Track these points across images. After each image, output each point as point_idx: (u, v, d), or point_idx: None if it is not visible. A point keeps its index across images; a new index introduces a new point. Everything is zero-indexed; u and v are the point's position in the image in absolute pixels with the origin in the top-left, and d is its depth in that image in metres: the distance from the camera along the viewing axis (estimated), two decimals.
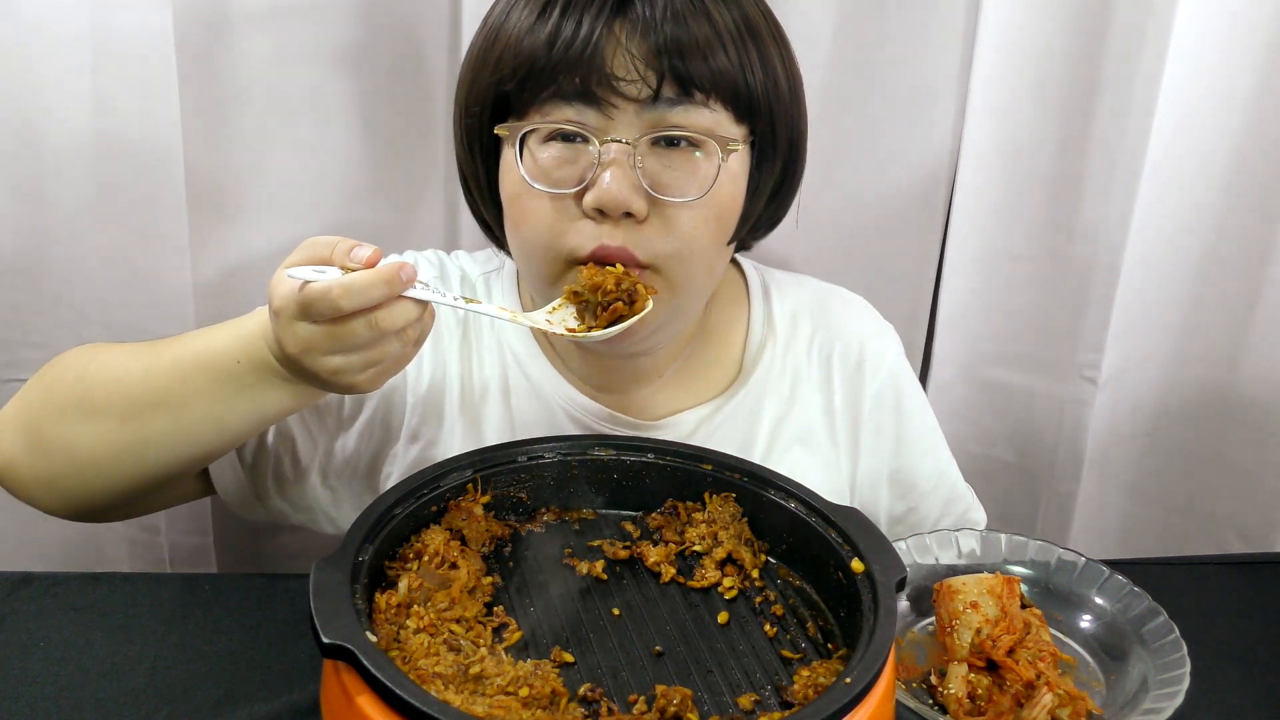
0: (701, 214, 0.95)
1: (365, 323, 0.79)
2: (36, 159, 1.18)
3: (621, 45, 0.90)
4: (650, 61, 0.90)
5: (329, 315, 0.79)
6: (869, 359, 1.12)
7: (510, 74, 0.93)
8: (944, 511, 1.17)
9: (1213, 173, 1.37)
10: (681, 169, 0.94)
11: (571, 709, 0.73)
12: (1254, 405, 1.47)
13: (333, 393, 0.89)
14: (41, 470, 0.94)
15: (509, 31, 0.93)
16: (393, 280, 0.79)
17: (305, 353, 0.81)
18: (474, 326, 1.08)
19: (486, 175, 1.01)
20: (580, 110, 0.92)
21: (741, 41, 0.93)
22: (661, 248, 0.94)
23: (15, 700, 0.89)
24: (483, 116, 0.97)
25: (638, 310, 0.90)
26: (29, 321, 1.25)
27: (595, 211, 0.92)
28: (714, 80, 0.92)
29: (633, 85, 0.90)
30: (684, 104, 0.92)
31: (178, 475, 0.96)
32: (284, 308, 0.80)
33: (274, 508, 1.07)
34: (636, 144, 0.92)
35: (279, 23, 1.19)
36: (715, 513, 0.91)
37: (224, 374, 0.88)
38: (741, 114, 0.95)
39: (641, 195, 0.92)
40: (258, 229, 1.26)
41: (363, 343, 0.80)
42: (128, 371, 0.91)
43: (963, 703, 0.87)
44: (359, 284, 0.78)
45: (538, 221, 0.95)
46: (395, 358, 0.83)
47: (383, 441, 1.06)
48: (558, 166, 0.93)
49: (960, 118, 1.33)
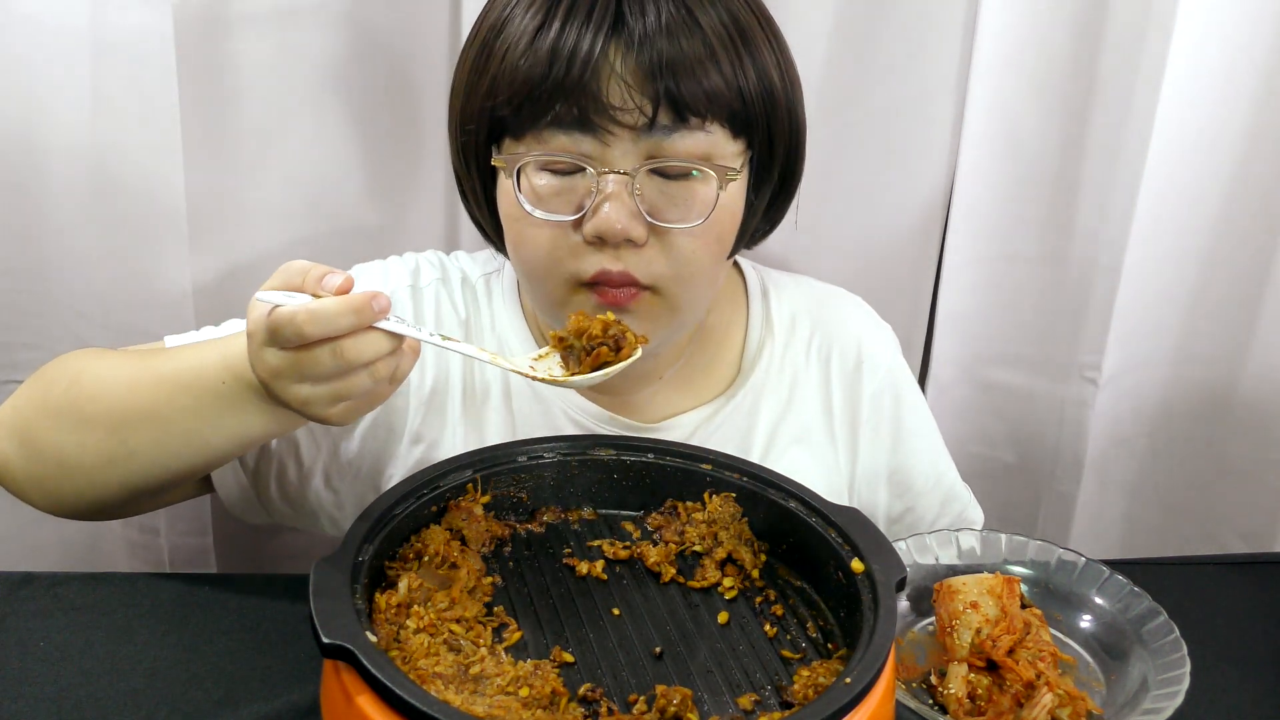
0: (701, 238, 0.95)
1: (330, 351, 0.76)
2: (36, 159, 1.18)
3: (616, 73, 0.89)
4: (644, 87, 0.89)
5: (294, 342, 0.76)
6: (867, 359, 1.13)
7: (506, 101, 0.92)
8: (941, 511, 1.17)
9: (1214, 173, 1.37)
10: (680, 196, 0.94)
11: (571, 709, 0.73)
12: (1255, 407, 1.47)
13: (310, 420, 0.85)
14: (34, 472, 0.95)
15: (503, 47, 0.92)
16: (362, 310, 0.76)
17: (274, 379, 0.80)
18: (476, 329, 1.08)
19: (483, 189, 1.01)
20: (576, 139, 0.91)
21: (734, 50, 0.92)
22: (662, 270, 0.95)
23: (15, 700, 0.89)
24: (478, 136, 0.97)
25: (624, 358, 0.87)
26: (28, 322, 1.25)
27: (595, 239, 0.93)
28: (709, 102, 0.91)
29: (629, 114, 0.90)
30: (680, 130, 0.91)
31: (165, 487, 0.96)
32: (255, 332, 0.79)
33: (276, 511, 1.07)
34: (635, 174, 0.92)
35: (278, 24, 1.19)
36: (715, 513, 0.91)
37: (209, 394, 0.87)
38: (738, 130, 0.95)
39: (641, 223, 0.92)
40: (257, 229, 1.26)
41: (328, 373, 0.78)
42: (116, 382, 0.91)
43: (963, 703, 0.87)
44: (325, 311, 0.76)
45: (538, 247, 0.95)
46: (366, 393, 0.80)
47: (385, 443, 1.06)
48: (555, 195, 0.93)
49: (960, 117, 1.33)
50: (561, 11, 0.90)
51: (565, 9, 0.90)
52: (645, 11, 0.90)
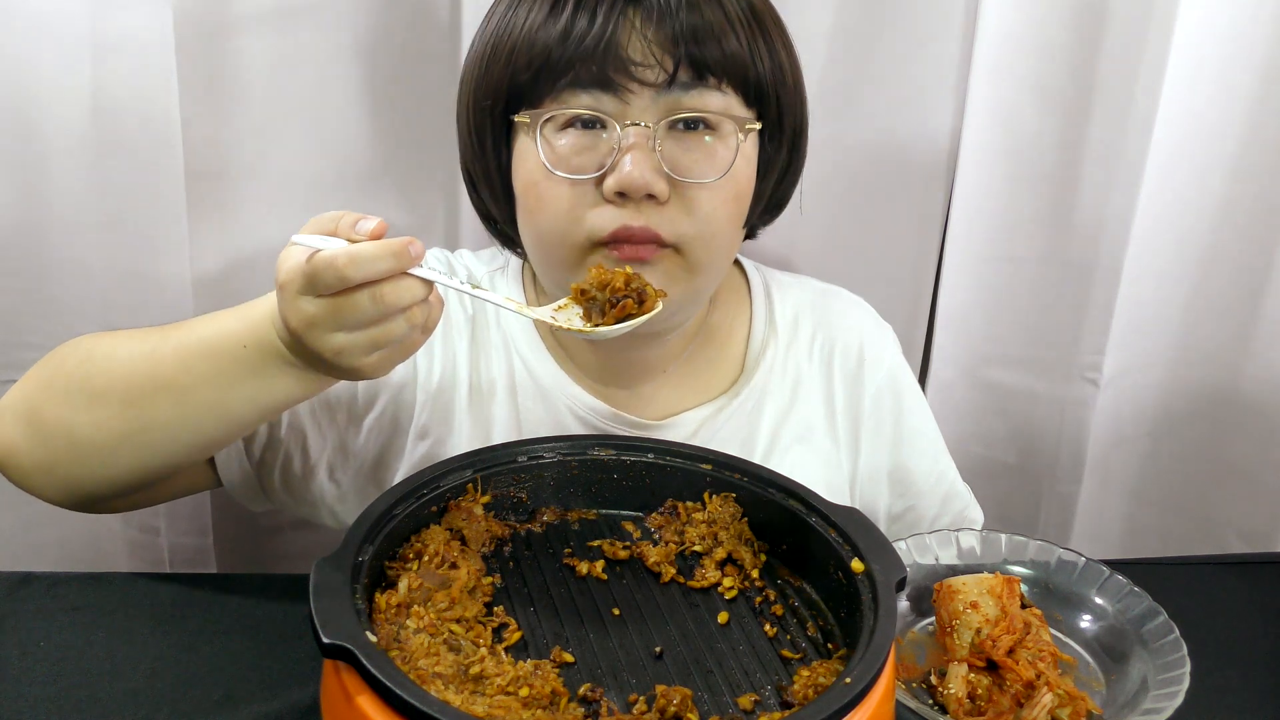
0: (720, 195, 0.97)
1: (370, 296, 0.77)
2: (36, 158, 1.18)
3: (637, 31, 0.91)
4: (666, 47, 0.92)
5: (335, 286, 0.77)
6: (869, 358, 1.13)
7: (525, 65, 0.93)
8: (942, 509, 1.17)
9: (1215, 173, 1.37)
10: (699, 151, 0.95)
11: (571, 709, 0.73)
12: (1255, 407, 1.47)
13: (338, 378, 0.86)
14: (41, 457, 0.93)
15: (519, 27, 0.94)
16: (400, 254, 0.77)
17: (309, 328, 0.79)
18: (481, 325, 1.09)
19: (498, 168, 1.01)
20: (597, 97, 0.93)
21: (750, 28, 0.96)
22: (685, 228, 0.96)
23: (15, 700, 0.89)
24: (494, 109, 0.97)
25: (647, 310, 0.88)
26: (28, 323, 1.25)
27: (617, 195, 0.93)
28: (726, 65, 0.94)
29: (649, 70, 0.92)
30: (698, 88, 0.94)
31: (179, 465, 0.95)
32: (290, 280, 0.79)
33: (278, 499, 1.07)
34: (655, 128, 0.93)
35: (279, 22, 1.19)
36: (715, 513, 0.91)
37: (229, 359, 0.86)
38: (750, 99, 0.97)
39: (663, 178, 0.94)
40: (257, 229, 1.26)
41: (367, 318, 0.78)
42: (131, 356, 0.90)
43: (963, 703, 0.87)
44: (366, 254, 0.76)
45: (556, 207, 0.96)
46: (401, 341, 0.81)
47: (391, 437, 1.06)
48: (577, 153, 0.94)
49: (959, 116, 1.33)
50: None
51: None
52: None
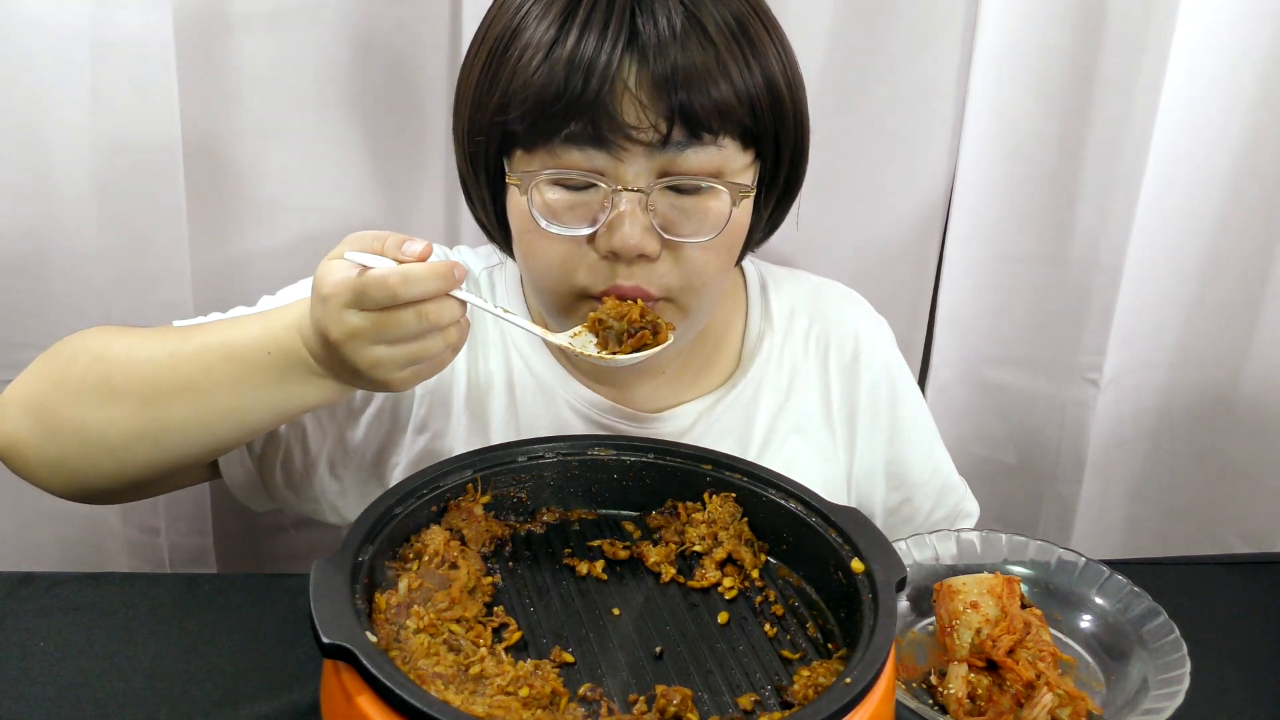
0: (713, 249, 0.96)
1: (415, 314, 0.80)
2: (36, 159, 1.18)
3: (630, 90, 0.89)
4: (658, 103, 0.89)
5: (383, 303, 0.79)
6: (864, 351, 1.13)
7: (519, 116, 0.92)
8: (937, 502, 1.18)
9: (1215, 174, 1.37)
10: (693, 211, 0.94)
11: (571, 709, 0.73)
12: (1256, 408, 1.47)
13: (365, 389, 0.89)
14: (50, 451, 0.93)
15: (516, 59, 0.92)
16: (447, 276, 0.80)
17: (349, 340, 0.81)
18: (479, 321, 1.09)
19: (492, 197, 1.01)
20: (590, 155, 0.91)
21: (741, 54, 0.92)
22: (674, 282, 0.95)
23: (15, 700, 0.89)
24: (488, 147, 0.97)
25: (661, 341, 0.91)
26: (28, 322, 1.25)
27: (609, 254, 0.93)
28: (721, 117, 0.91)
29: (643, 132, 0.90)
30: (693, 145, 0.92)
31: (190, 464, 0.95)
32: (335, 293, 0.81)
33: (280, 497, 1.07)
34: (649, 190, 0.92)
35: (279, 23, 1.19)
36: (715, 513, 0.91)
37: (251, 365, 0.88)
38: (749, 141, 0.95)
39: (654, 238, 0.93)
40: (257, 229, 1.26)
41: (410, 334, 0.81)
42: (151, 357, 0.91)
43: (963, 703, 0.87)
44: (418, 274, 0.80)
45: (549, 259, 0.96)
46: (433, 358, 0.84)
47: (390, 431, 1.06)
48: (569, 208, 0.94)
49: (960, 118, 1.33)
50: (577, 24, 0.90)
51: (581, 21, 0.90)
52: (656, 18, 0.90)
